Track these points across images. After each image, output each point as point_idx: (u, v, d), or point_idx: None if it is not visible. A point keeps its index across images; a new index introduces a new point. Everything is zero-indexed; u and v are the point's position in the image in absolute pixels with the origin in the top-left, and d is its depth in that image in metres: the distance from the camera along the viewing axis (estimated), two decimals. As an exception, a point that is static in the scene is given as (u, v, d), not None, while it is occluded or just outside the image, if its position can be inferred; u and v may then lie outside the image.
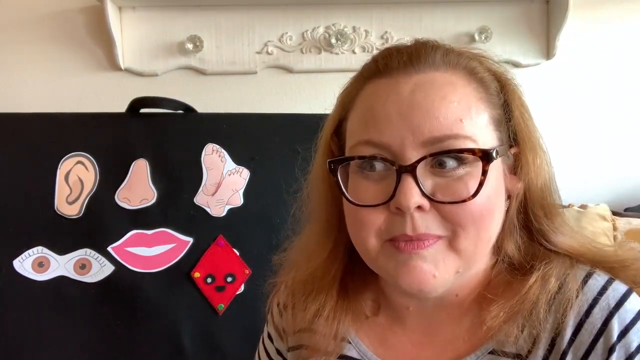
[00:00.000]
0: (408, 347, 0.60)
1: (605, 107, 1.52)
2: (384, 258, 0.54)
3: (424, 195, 0.51)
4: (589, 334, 0.51)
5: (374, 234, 0.54)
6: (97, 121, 1.24)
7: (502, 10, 1.50)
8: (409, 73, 0.53)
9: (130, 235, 1.17)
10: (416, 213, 0.51)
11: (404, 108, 0.52)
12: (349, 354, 0.62)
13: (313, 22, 1.51)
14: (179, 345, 1.14)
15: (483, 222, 0.52)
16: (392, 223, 0.53)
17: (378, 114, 0.53)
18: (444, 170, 0.52)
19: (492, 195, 0.53)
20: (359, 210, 0.54)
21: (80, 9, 1.48)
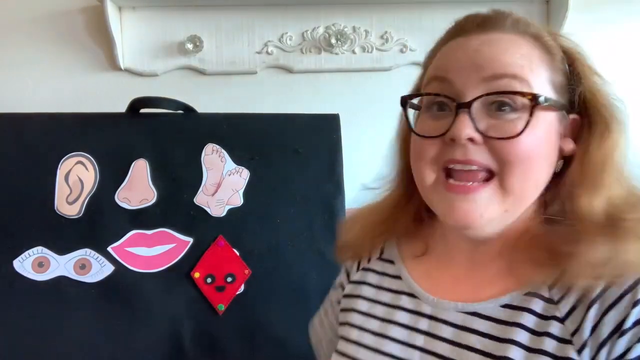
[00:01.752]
0: (449, 282, 0.66)
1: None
2: (435, 195, 0.61)
3: (476, 130, 0.57)
4: (618, 288, 0.53)
5: (429, 163, 0.61)
6: (97, 121, 1.24)
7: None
8: (479, 32, 0.60)
9: (130, 235, 1.17)
10: (468, 144, 0.57)
11: (471, 53, 0.59)
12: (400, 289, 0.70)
13: (313, 22, 1.51)
14: (179, 345, 1.14)
15: (530, 162, 0.57)
16: (445, 150, 0.59)
17: (448, 59, 0.61)
18: (498, 113, 0.57)
19: (540, 142, 0.58)
20: (420, 142, 0.61)
21: (80, 9, 1.48)
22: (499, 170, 0.57)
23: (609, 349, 0.52)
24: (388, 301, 0.70)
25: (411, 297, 0.68)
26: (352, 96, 1.52)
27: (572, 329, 0.54)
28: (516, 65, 0.57)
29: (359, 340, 0.70)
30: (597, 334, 0.52)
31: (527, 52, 0.59)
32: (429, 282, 0.68)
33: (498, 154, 0.57)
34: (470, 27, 0.61)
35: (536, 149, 0.57)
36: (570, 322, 0.55)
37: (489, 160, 0.57)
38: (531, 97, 0.56)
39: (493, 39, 0.59)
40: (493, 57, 0.57)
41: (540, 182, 0.60)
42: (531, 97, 0.56)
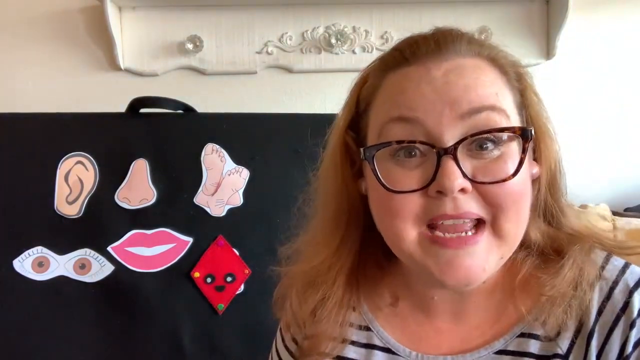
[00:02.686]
0: (431, 335, 0.60)
1: (605, 107, 1.52)
2: (422, 252, 0.53)
3: (465, 177, 0.50)
4: (612, 313, 0.52)
5: (411, 221, 0.52)
6: (97, 121, 1.24)
7: (502, 10, 1.50)
8: (438, 60, 0.53)
9: (130, 235, 1.17)
10: (459, 196, 0.50)
11: (439, 86, 0.51)
12: (372, 342, 0.61)
13: (313, 22, 1.51)
14: (178, 345, 1.14)
15: (521, 202, 0.52)
16: (431, 206, 0.51)
17: (411, 93, 0.52)
18: (481, 152, 0.51)
19: (526, 177, 0.53)
20: (394, 198, 0.52)
21: (80, 9, 1.48)
22: (491, 216, 0.52)
23: None
24: (360, 358, 0.61)
25: (386, 352, 0.60)
26: (352, 96, 1.52)
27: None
28: (491, 95, 0.52)
29: None
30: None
31: (493, 77, 0.54)
32: (405, 335, 0.60)
33: (490, 199, 0.51)
34: (424, 53, 0.54)
35: (526, 185, 0.53)
36: (574, 356, 0.53)
37: (480, 208, 0.51)
38: (520, 132, 0.51)
39: (455, 67, 0.52)
40: (466, 89, 0.51)
41: (527, 218, 0.55)
42: (520, 132, 0.51)
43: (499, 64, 0.55)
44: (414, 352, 0.58)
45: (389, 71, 0.56)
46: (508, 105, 0.53)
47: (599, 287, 0.54)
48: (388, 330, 0.61)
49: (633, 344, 0.51)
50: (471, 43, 0.55)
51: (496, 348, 0.55)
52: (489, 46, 0.56)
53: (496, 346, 0.56)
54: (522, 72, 0.57)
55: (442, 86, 0.51)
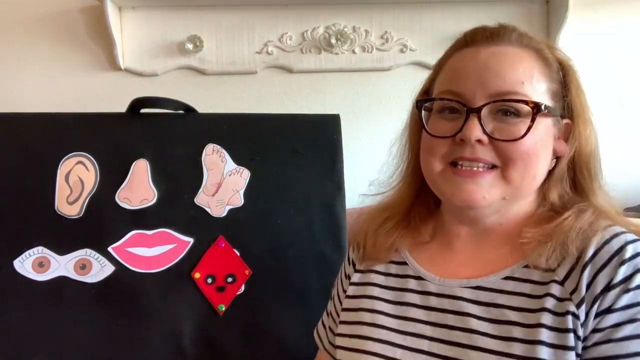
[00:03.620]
0: (453, 266, 0.73)
1: (605, 107, 1.52)
2: (442, 181, 0.70)
3: (484, 132, 0.66)
4: (607, 253, 0.63)
5: (438, 157, 0.70)
6: (97, 121, 1.24)
7: (502, 10, 1.50)
8: (488, 44, 0.69)
9: (130, 235, 1.17)
10: (476, 144, 0.66)
11: (479, 68, 0.68)
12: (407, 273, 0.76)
13: (313, 22, 1.51)
14: (179, 346, 1.14)
15: (530, 159, 0.67)
16: (454, 149, 0.68)
17: (460, 72, 0.70)
18: (504, 117, 0.66)
19: (539, 143, 0.67)
20: (432, 140, 0.70)
21: (80, 9, 1.48)
22: (502, 164, 0.67)
23: (600, 301, 0.60)
24: (397, 285, 0.76)
25: (418, 279, 0.75)
26: (352, 96, 1.52)
27: (571, 288, 0.63)
28: (516, 82, 0.66)
29: (374, 322, 0.74)
30: (592, 290, 0.61)
31: (529, 65, 0.68)
32: (433, 266, 0.75)
33: (502, 153, 0.66)
34: (479, 39, 0.70)
35: (535, 149, 0.67)
36: (569, 283, 0.63)
37: (494, 158, 0.67)
38: (533, 105, 0.66)
39: (499, 52, 0.68)
40: (498, 74, 0.67)
41: (537, 177, 0.69)
42: (533, 105, 0.66)
43: (543, 56, 0.70)
44: (438, 277, 0.73)
45: (455, 51, 0.73)
46: (536, 91, 0.67)
47: (600, 235, 0.64)
48: (419, 262, 0.76)
49: (620, 278, 0.60)
50: (522, 36, 0.70)
51: (503, 275, 0.68)
52: (541, 42, 0.71)
53: (503, 273, 0.68)
54: (567, 67, 0.72)
55: (482, 69, 0.67)
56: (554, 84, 0.70)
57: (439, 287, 0.72)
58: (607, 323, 0.60)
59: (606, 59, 1.52)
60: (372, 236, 0.81)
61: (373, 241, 0.80)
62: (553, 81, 0.70)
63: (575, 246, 0.64)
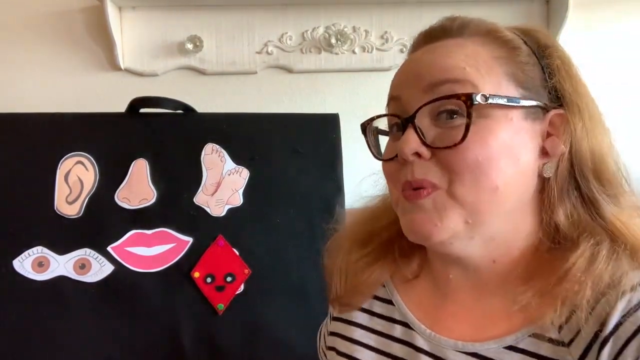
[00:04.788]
0: (445, 317, 0.61)
1: (605, 107, 1.52)
2: (401, 211, 0.58)
3: (422, 143, 0.53)
4: (634, 324, 0.48)
5: (394, 185, 0.58)
6: (97, 121, 1.24)
7: (502, 10, 1.50)
8: (425, 44, 0.59)
9: (130, 235, 1.17)
10: (416, 161, 0.54)
11: (413, 65, 0.58)
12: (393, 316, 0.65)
13: (313, 22, 1.51)
14: (178, 345, 1.14)
15: (480, 168, 0.52)
16: (399, 172, 0.56)
17: (397, 77, 0.59)
18: (447, 122, 0.53)
19: (497, 144, 0.52)
20: (384, 165, 0.60)
21: (80, 9, 1.48)
22: (447, 183, 0.53)
23: None
24: (382, 329, 0.65)
25: (405, 326, 0.63)
26: (352, 96, 1.52)
27: None
28: (457, 68, 0.53)
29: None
30: None
31: (472, 51, 0.55)
32: (422, 312, 0.63)
33: (445, 165, 0.53)
34: (418, 42, 0.61)
35: (489, 152, 0.52)
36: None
37: (438, 176, 0.53)
38: (464, 97, 0.52)
39: (436, 46, 0.57)
40: (432, 64, 0.55)
41: (501, 188, 0.53)
42: (464, 97, 0.52)
43: (499, 38, 0.57)
44: (428, 330, 0.60)
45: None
46: (487, 77, 0.53)
47: (627, 299, 0.49)
48: (407, 304, 0.64)
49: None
50: (466, 25, 0.58)
51: (506, 343, 0.54)
52: (496, 24, 0.59)
53: (506, 341, 0.54)
54: (550, 47, 0.58)
55: (415, 65, 0.57)
56: (521, 69, 0.55)
57: (429, 344, 0.59)
58: None
59: (606, 58, 1.52)
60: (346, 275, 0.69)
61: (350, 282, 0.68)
62: (519, 65, 0.55)
63: (591, 314, 0.49)
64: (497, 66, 0.55)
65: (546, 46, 0.58)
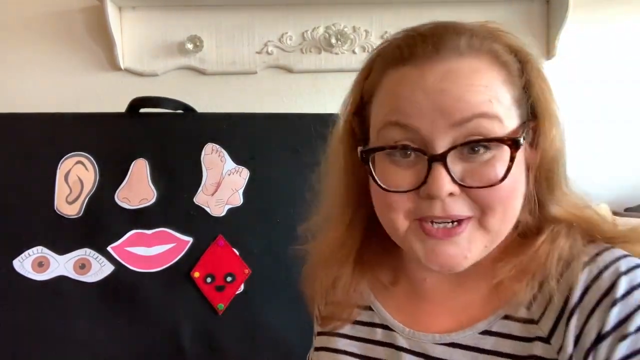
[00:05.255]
0: (423, 315, 0.63)
1: (606, 107, 1.52)
2: (413, 238, 0.57)
3: (454, 182, 0.53)
4: (596, 293, 0.52)
5: (403, 215, 0.56)
6: (97, 121, 1.24)
7: (502, 10, 1.50)
8: (434, 62, 0.53)
9: (130, 235, 1.17)
10: (447, 198, 0.53)
11: (433, 94, 0.52)
12: (373, 320, 0.66)
13: (313, 22, 1.51)
14: (178, 345, 1.14)
15: (510, 202, 0.55)
16: (421, 206, 0.55)
17: (406, 100, 0.54)
18: (472, 155, 0.53)
19: (517, 176, 0.55)
20: (389, 195, 0.56)
21: (80, 9, 1.48)
22: (479, 213, 0.54)
23: (594, 356, 0.51)
24: (365, 335, 0.66)
25: (385, 329, 0.65)
26: (352, 96, 1.52)
27: (558, 346, 0.53)
28: (483, 102, 0.52)
29: None
30: (582, 344, 0.51)
31: (490, 79, 0.54)
32: (401, 314, 0.65)
33: (479, 201, 0.54)
34: (421, 54, 0.54)
35: (515, 186, 0.55)
36: (555, 339, 0.53)
37: (469, 209, 0.54)
38: (510, 142, 0.52)
39: (451, 71, 0.53)
40: (459, 97, 0.52)
41: (516, 214, 0.57)
42: (510, 142, 0.52)
43: (501, 60, 0.55)
44: (407, 328, 0.63)
45: (389, 68, 0.57)
46: (503, 108, 0.54)
47: (588, 270, 0.53)
48: (387, 309, 0.66)
49: (613, 324, 0.50)
50: (472, 39, 0.55)
51: (480, 329, 0.58)
52: (491, 37, 0.56)
53: (480, 326, 0.58)
54: (527, 60, 0.58)
55: (436, 95, 0.52)
56: (517, 90, 0.56)
57: (409, 341, 0.62)
58: None
59: (606, 58, 1.52)
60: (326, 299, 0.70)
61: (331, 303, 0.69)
62: (516, 87, 0.56)
63: (558, 286, 0.54)
64: (506, 92, 0.55)
65: (527, 59, 0.58)
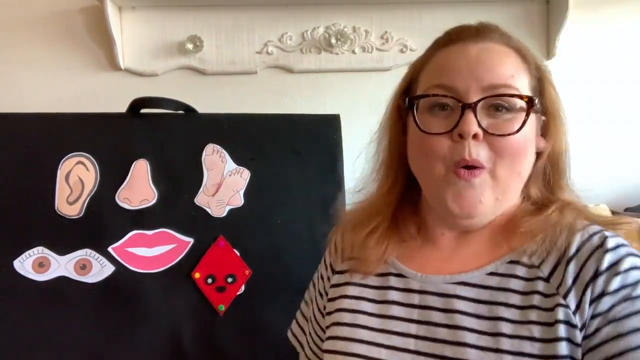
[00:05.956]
0: (435, 262, 0.73)
1: (606, 107, 1.52)
2: (444, 184, 0.68)
3: (480, 127, 0.66)
4: (589, 248, 0.64)
5: (440, 160, 0.68)
6: (97, 121, 1.24)
7: (502, 10, 1.50)
8: (475, 41, 0.69)
9: (130, 235, 1.17)
10: (472, 141, 0.66)
11: (472, 63, 0.68)
12: (388, 271, 0.75)
13: (313, 22, 1.51)
14: (179, 346, 1.14)
15: (518, 156, 0.67)
16: (454, 149, 0.67)
17: (450, 66, 0.69)
18: (497, 113, 0.67)
19: (528, 139, 0.68)
20: (428, 139, 0.68)
21: (80, 9, 1.48)
22: (491, 164, 0.67)
23: (592, 288, 0.61)
24: (377, 283, 0.75)
25: (399, 277, 0.74)
26: (352, 96, 1.52)
27: (557, 284, 0.63)
28: (508, 76, 0.67)
29: (355, 322, 0.73)
30: (581, 280, 0.62)
31: (514, 62, 0.69)
32: (413, 263, 0.74)
33: (494, 148, 0.66)
34: (465, 36, 0.70)
35: (524, 144, 0.68)
36: (554, 279, 0.64)
37: (486, 158, 0.67)
38: (527, 99, 0.67)
39: (488, 48, 0.69)
40: (491, 68, 0.67)
41: (522, 174, 0.70)
42: (527, 99, 0.67)
43: (523, 54, 0.71)
44: (420, 273, 0.72)
45: (439, 49, 0.72)
46: (522, 86, 0.68)
47: (581, 234, 0.66)
48: (401, 261, 0.75)
49: (607, 265, 0.62)
50: (503, 35, 0.72)
51: (488, 270, 0.68)
52: (518, 41, 0.73)
53: (487, 269, 0.68)
54: (541, 66, 0.74)
55: (474, 63, 0.67)
56: (534, 80, 0.71)
57: (421, 284, 0.71)
58: (603, 307, 0.60)
59: (606, 58, 1.52)
60: (360, 248, 0.77)
61: (362, 253, 0.77)
62: (533, 78, 0.71)
63: (557, 244, 0.65)
64: (525, 77, 0.70)
65: (542, 66, 0.74)
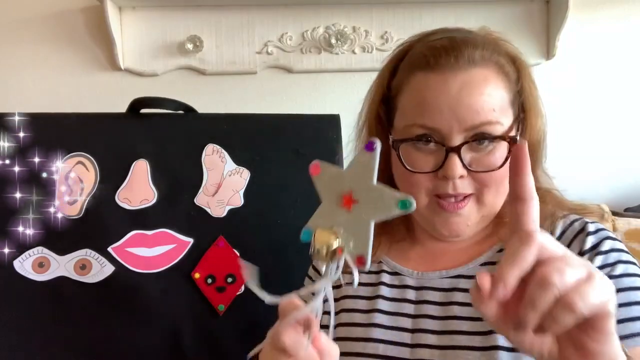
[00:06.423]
0: (428, 259, 0.78)
1: (605, 107, 1.52)
2: (430, 212, 0.74)
3: (464, 167, 0.70)
4: (572, 232, 0.71)
5: (424, 192, 0.73)
6: (97, 121, 1.24)
7: (502, 10, 1.50)
8: (454, 71, 0.70)
9: (130, 235, 1.17)
10: (457, 179, 0.70)
11: (453, 102, 0.69)
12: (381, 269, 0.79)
13: (313, 22, 1.51)
14: (179, 346, 1.14)
15: (502, 181, 0.71)
16: (438, 185, 0.72)
17: (431, 105, 0.70)
18: (479, 146, 0.70)
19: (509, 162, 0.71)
20: (413, 175, 0.72)
21: (80, 9, 1.48)
22: (478, 192, 0.72)
23: None
24: (370, 281, 0.79)
25: (393, 275, 0.78)
26: (352, 96, 1.51)
27: None
28: (489, 111, 0.69)
29: (350, 321, 0.76)
30: None
31: (495, 86, 0.71)
32: (409, 262, 0.79)
33: (480, 182, 0.71)
34: (444, 63, 0.70)
35: (506, 171, 0.66)
36: None
37: (471, 187, 0.71)
38: (509, 139, 0.70)
39: (468, 81, 0.70)
40: (471, 108, 0.69)
41: (507, 189, 0.70)
42: (509, 139, 0.70)
43: (504, 70, 0.73)
44: (415, 271, 0.77)
45: (415, 70, 0.73)
46: (502, 110, 0.71)
47: (562, 221, 0.73)
48: (394, 260, 0.80)
49: (589, 246, 0.68)
50: (483, 51, 0.71)
51: (480, 261, 0.74)
52: (496, 49, 0.73)
53: (480, 260, 0.74)
54: (522, 66, 0.75)
55: (455, 103, 0.69)
56: (512, 93, 0.73)
57: (417, 280, 0.76)
58: None
59: (606, 58, 1.52)
60: None
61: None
62: (511, 91, 0.73)
63: (545, 228, 0.66)
64: (505, 95, 0.72)
65: (520, 62, 0.75)
